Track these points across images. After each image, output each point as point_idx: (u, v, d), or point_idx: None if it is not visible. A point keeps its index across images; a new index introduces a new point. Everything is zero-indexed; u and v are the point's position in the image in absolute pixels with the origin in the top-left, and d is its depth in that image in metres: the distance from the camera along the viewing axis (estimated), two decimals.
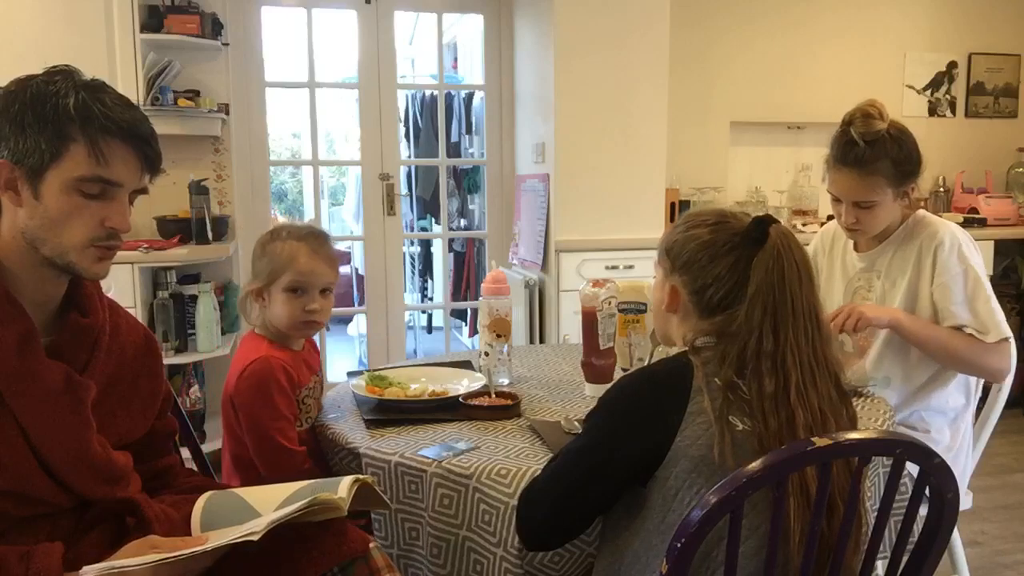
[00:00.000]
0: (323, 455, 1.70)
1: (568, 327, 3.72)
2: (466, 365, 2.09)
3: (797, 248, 1.22)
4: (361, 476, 1.29)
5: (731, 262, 1.24)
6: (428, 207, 5.45)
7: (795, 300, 1.19)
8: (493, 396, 1.77)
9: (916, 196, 1.93)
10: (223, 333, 3.59)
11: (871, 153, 1.83)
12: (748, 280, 1.20)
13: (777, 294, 1.18)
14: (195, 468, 1.72)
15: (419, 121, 5.30)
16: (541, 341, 3.90)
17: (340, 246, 6.77)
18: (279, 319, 1.70)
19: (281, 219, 6.04)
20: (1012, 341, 1.83)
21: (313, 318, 1.70)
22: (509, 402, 1.73)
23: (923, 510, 1.14)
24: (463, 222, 5.53)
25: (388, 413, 1.72)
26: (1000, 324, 1.81)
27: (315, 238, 1.74)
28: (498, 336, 1.96)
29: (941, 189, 4.67)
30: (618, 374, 1.94)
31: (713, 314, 1.25)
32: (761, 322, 1.18)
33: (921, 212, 1.97)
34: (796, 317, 1.18)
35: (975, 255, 1.88)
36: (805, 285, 1.20)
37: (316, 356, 1.87)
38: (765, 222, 1.24)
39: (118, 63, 3.36)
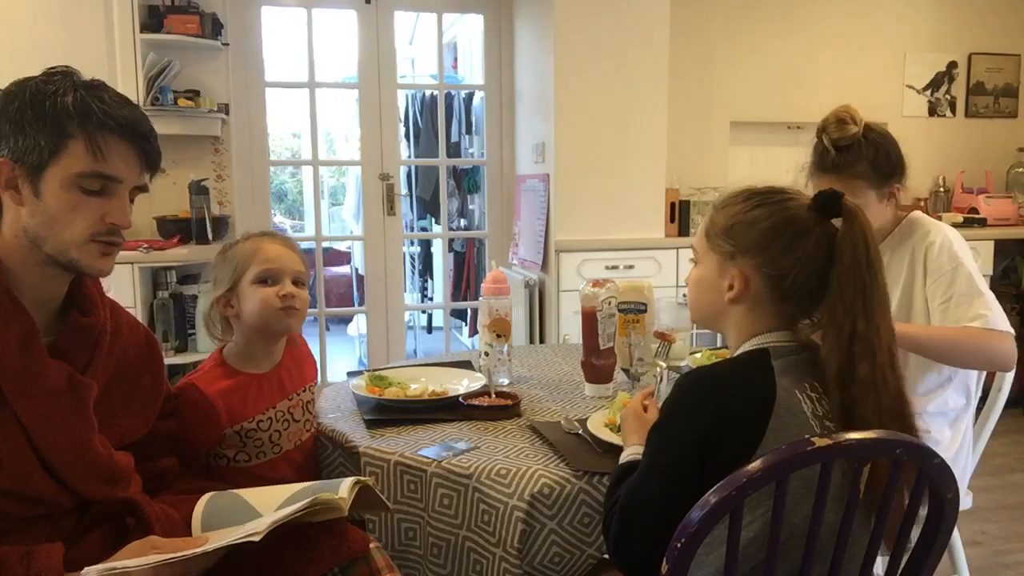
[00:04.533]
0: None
1: (568, 327, 3.73)
2: (466, 365, 2.09)
3: (869, 224, 1.16)
4: (362, 478, 1.29)
5: (814, 240, 1.16)
6: (428, 207, 5.45)
7: (880, 278, 1.14)
8: (493, 396, 1.77)
9: (914, 197, 1.93)
10: None
11: (847, 158, 1.84)
12: (832, 260, 1.14)
13: (866, 271, 1.12)
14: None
15: (419, 121, 5.30)
16: (541, 341, 3.90)
17: (340, 246, 6.79)
18: (253, 316, 1.57)
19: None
20: (1012, 335, 1.82)
21: (290, 303, 1.57)
22: (509, 402, 1.73)
23: (923, 510, 1.14)
24: (463, 222, 5.53)
25: (388, 413, 1.72)
26: (998, 316, 1.80)
27: (278, 234, 1.68)
28: (498, 336, 1.96)
29: (941, 189, 4.67)
30: (618, 374, 1.94)
31: (788, 299, 1.19)
32: (852, 302, 1.12)
33: (916, 214, 1.97)
34: (881, 295, 1.14)
35: (967, 254, 1.87)
36: (880, 262, 1.15)
37: (303, 371, 1.72)
38: (836, 195, 1.17)
39: (118, 63, 3.36)
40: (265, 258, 1.58)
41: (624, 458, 1.30)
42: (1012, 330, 1.81)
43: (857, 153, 1.84)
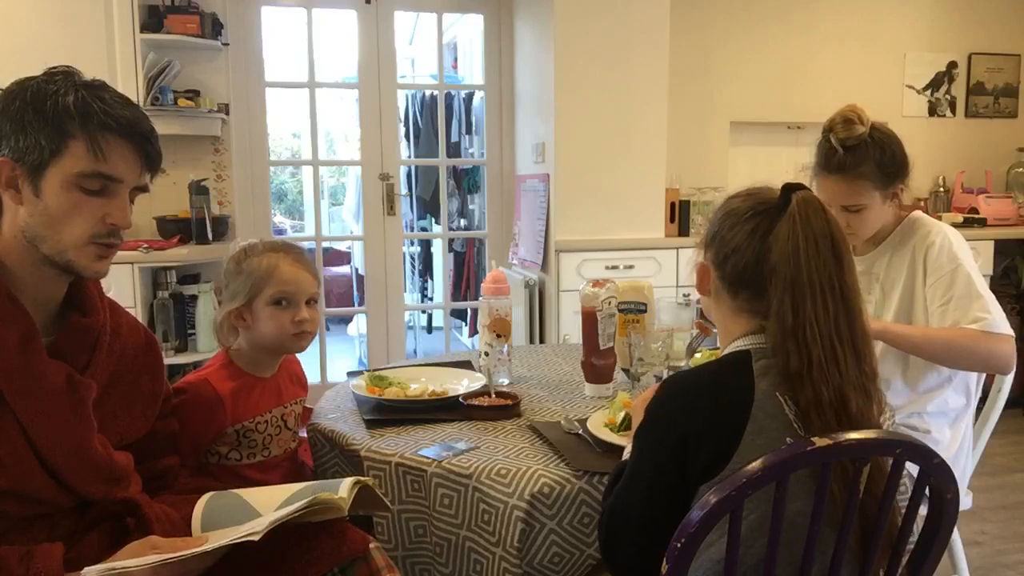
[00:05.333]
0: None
1: (568, 327, 3.73)
2: (466, 365, 2.09)
3: (817, 216, 1.13)
4: (362, 478, 1.29)
5: (749, 229, 1.18)
6: (428, 207, 5.46)
7: (811, 272, 1.11)
8: (493, 396, 1.77)
9: (914, 197, 1.93)
10: None
11: (854, 158, 1.83)
12: (770, 251, 1.14)
13: (792, 265, 1.12)
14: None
15: (419, 121, 5.30)
16: (541, 341, 3.90)
17: (340, 246, 6.79)
18: (266, 336, 1.61)
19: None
20: (1012, 337, 1.82)
21: (304, 328, 1.62)
22: (509, 402, 1.73)
23: (923, 510, 1.14)
24: (463, 222, 5.53)
25: (388, 413, 1.72)
26: (997, 318, 1.79)
27: (293, 248, 1.67)
28: (498, 336, 1.96)
29: (941, 189, 4.67)
30: (618, 374, 1.94)
31: (738, 289, 1.20)
32: (782, 297, 1.12)
33: (916, 213, 1.97)
34: (813, 291, 1.11)
35: (967, 255, 1.87)
36: (824, 256, 1.12)
37: (299, 384, 1.77)
38: (790, 188, 1.17)
39: (118, 63, 3.36)
40: (282, 280, 1.60)
41: (626, 455, 1.31)
42: (1012, 332, 1.80)
43: (863, 153, 1.83)
